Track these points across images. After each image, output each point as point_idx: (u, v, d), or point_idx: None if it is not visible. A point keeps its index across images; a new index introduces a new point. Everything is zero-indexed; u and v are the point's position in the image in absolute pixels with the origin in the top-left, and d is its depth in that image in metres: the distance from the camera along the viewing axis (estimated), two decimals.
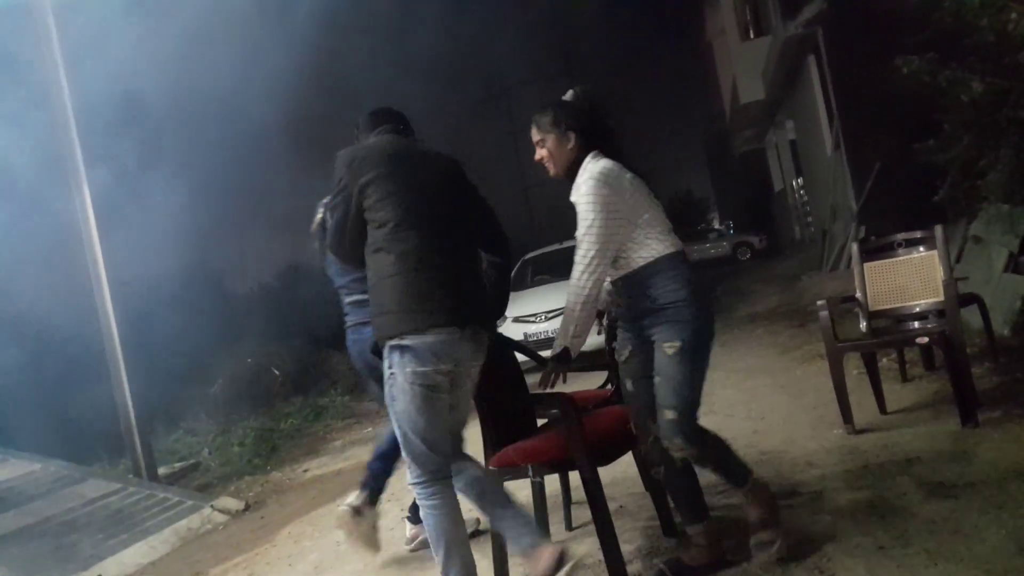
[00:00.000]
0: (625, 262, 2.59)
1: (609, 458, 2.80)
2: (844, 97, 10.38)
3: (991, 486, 2.80)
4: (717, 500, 3.19)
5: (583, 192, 2.55)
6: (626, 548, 2.88)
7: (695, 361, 2.53)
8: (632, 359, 2.69)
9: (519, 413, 3.10)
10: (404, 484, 2.82)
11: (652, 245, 2.56)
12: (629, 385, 2.73)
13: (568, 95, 2.72)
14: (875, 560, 2.46)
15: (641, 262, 2.56)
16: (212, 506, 5.31)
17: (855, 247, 4.37)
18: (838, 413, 3.90)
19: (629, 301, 2.64)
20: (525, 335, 8.13)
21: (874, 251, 4.30)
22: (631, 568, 2.76)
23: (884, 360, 4.89)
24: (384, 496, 3.54)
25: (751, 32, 17.39)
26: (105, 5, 7.53)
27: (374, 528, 3.43)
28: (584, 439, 2.63)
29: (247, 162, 12.14)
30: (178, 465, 6.97)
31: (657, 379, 2.57)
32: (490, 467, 2.80)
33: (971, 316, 4.51)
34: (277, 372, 10.00)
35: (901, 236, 4.19)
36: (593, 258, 2.53)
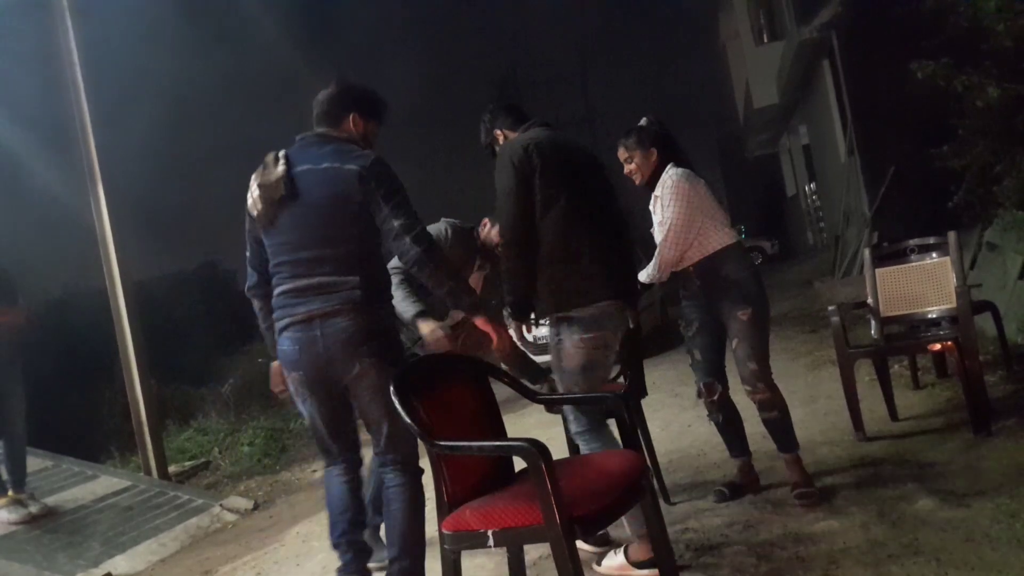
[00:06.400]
0: (700, 248, 3.16)
1: (592, 529, 2.15)
2: (858, 102, 10.32)
3: (1003, 495, 2.77)
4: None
5: (668, 186, 3.13)
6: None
7: (763, 323, 3.16)
8: (700, 333, 3.30)
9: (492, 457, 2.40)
10: None
11: (723, 233, 3.16)
12: (697, 355, 3.32)
13: (643, 121, 3.28)
14: (885, 568, 2.44)
15: (717, 246, 3.15)
16: (222, 505, 5.34)
17: (867, 253, 4.35)
18: (849, 420, 3.88)
19: (702, 281, 3.21)
20: (535, 338, 7.89)
21: (887, 257, 4.27)
22: None
23: (896, 367, 4.86)
24: None
25: (765, 36, 17.30)
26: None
27: None
28: (558, 501, 1.93)
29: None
30: (188, 464, 7.00)
31: (735, 341, 3.16)
32: (442, 531, 2.13)
33: (985, 323, 4.47)
34: None
35: (914, 242, 4.16)
36: (679, 233, 3.11)
